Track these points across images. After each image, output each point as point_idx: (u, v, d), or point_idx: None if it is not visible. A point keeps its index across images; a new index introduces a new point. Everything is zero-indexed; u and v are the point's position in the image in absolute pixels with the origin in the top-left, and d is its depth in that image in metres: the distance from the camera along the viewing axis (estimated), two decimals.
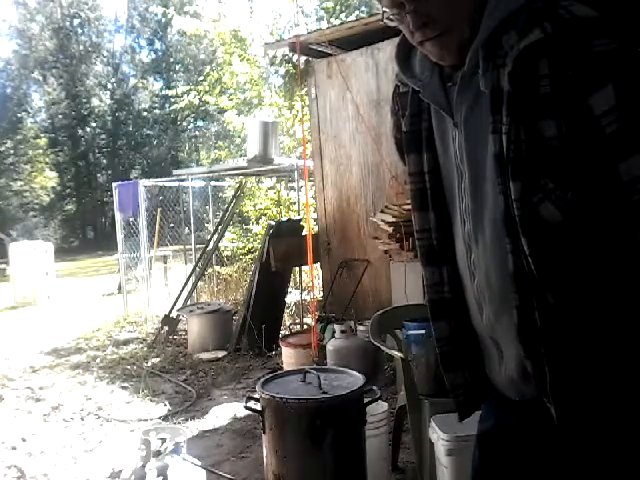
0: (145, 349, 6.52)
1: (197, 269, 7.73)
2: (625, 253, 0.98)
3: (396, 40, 1.22)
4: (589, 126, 0.95)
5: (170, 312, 6.91)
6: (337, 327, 4.67)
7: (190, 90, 12.66)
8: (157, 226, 9.23)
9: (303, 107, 6.42)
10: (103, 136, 32.87)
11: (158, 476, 2.54)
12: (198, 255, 7.99)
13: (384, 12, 1.17)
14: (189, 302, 7.24)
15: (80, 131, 32.19)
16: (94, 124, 32.49)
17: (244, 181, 9.01)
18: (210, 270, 8.59)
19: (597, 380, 1.02)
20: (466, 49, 1.06)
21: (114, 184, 9.08)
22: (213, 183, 9.37)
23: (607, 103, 0.94)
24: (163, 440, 2.65)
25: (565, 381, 1.02)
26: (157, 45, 33.56)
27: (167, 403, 4.71)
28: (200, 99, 12.35)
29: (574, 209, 0.97)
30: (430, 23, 1.05)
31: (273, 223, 6.31)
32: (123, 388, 5.15)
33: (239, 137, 11.88)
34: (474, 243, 1.12)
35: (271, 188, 9.70)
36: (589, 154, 0.96)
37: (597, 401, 1.02)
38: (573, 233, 0.99)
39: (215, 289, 8.62)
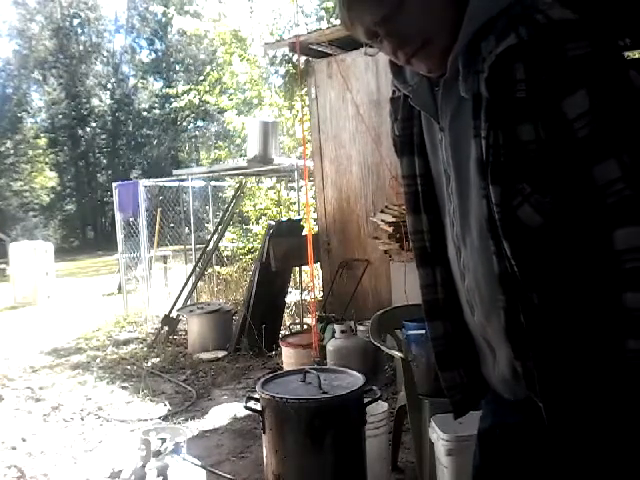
0: (145, 349, 6.52)
1: (197, 269, 7.73)
2: (602, 254, 0.99)
3: None
4: (563, 130, 0.96)
5: (170, 312, 6.91)
6: (337, 327, 4.67)
7: (190, 90, 12.66)
8: (157, 226, 9.22)
9: (303, 107, 6.42)
10: (103, 136, 32.91)
11: (158, 476, 2.54)
12: (198, 255, 7.99)
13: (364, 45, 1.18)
14: (189, 302, 7.24)
15: (80, 131, 32.22)
16: (94, 124, 32.52)
17: (244, 181, 9.01)
18: (210, 270, 8.59)
19: (584, 379, 1.02)
20: (449, 56, 1.07)
21: (114, 184, 9.07)
22: (213, 183, 9.36)
23: (581, 107, 0.95)
24: (163, 440, 2.65)
25: (553, 381, 1.03)
26: (157, 45, 33.60)
27: (167, 403, 4.70)
28: (200, 99, 12.35)
29: (553, 212, 0.99)
30: (407, 40, 1.07)
31: (273, 223, 6.31)
32: (123, 388, 5.15)
33: (239, 137, 11.87)
34: (462, 245, 1.14)
35: (271, 188, 9.70)
36: (565, 158, 0.97)
37: (585, 400, 1.03)
38: (553, 235, 1.00)
39: (215, 289, 8.62)
